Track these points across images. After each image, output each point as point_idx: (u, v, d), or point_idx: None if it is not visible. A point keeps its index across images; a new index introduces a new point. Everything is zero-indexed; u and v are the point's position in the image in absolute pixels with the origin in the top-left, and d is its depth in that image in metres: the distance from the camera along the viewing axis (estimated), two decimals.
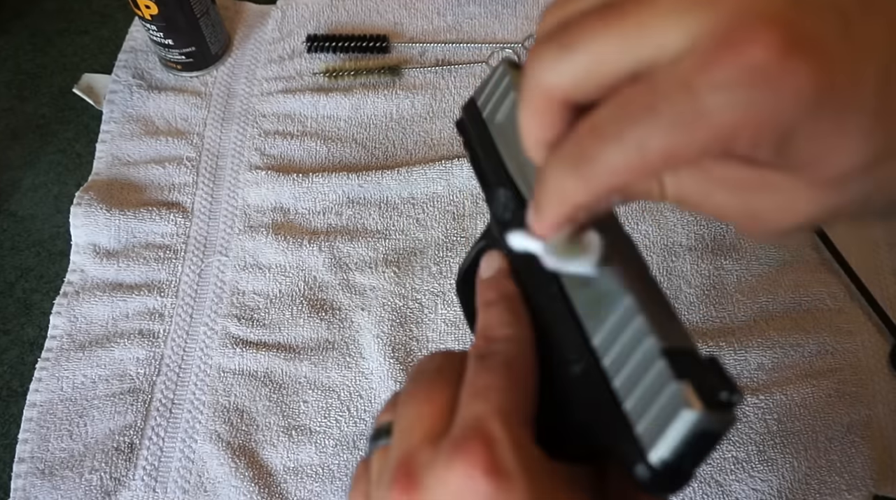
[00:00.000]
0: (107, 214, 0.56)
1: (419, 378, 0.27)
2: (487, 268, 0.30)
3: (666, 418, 0.21)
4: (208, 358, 0.53)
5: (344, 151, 0.60)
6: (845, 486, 0.47)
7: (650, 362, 0.22)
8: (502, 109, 0.31)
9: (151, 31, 0.60)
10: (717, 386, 0.21)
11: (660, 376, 0.22)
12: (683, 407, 0.21)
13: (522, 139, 0.24)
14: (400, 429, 0.26)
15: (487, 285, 0.29)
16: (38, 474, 0.49)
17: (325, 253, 0.55)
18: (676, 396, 0.21)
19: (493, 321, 0.27)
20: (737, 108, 0.18)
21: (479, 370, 0.25)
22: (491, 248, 0.32)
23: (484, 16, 0.66)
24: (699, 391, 0.21)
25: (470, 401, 0.24)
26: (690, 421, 0.21)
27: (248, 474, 0.48)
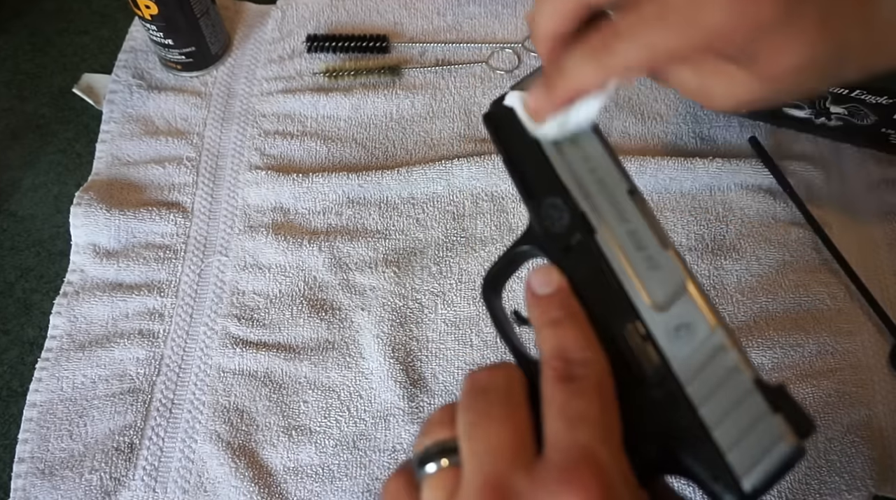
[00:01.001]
0: (107, 214, 0.56)
1: (487, 398, 0.26)
2: (545, 284, 0.29)
3: (762, 449, 0.23)
4: (208, 358, 0.53)
5: (344, 151, 0.60)
6: (845, 486, 0.47)
7: (744, 396, 0.24)
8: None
9: (151, 31, 0.60)
10: (802, 419, 0.23)
11: (756, 409, 0.24)
12: (781, 440, 0.23)
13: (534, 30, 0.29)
14: (477, 452, 0.25)
15: (549, 303, 0.28)
16: (38, 474, 0.49)
17: (325, 253, 0.55)
18: (774, 429, 0.23)
19: (570, 343, 0.27)
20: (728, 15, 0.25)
21: (569, 395, 0.25)
22: (531, 256, 0.32)
23: (484, 16, 0.66)
24: (792, 424, 0.23)
25: (569, 427, 0.24)
26: (785, 453, 0.23)
27: (248, 474, 0.48)
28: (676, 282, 0.26)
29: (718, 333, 0.25)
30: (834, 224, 0.55)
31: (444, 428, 0.27)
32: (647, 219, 0.28)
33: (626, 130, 0.60)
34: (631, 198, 0.29)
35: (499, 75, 0.63)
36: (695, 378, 0.25)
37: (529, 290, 0.29)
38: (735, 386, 0.24)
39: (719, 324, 0.25)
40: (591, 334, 0.27)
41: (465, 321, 0.53)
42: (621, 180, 0.29)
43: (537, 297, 0.29)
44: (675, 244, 0.54)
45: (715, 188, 0.57)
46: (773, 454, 0.23)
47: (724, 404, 0.24)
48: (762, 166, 0.57)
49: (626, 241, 0.28)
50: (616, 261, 0.28)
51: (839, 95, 0.54)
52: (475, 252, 0.55)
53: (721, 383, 0.24)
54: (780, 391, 0.24)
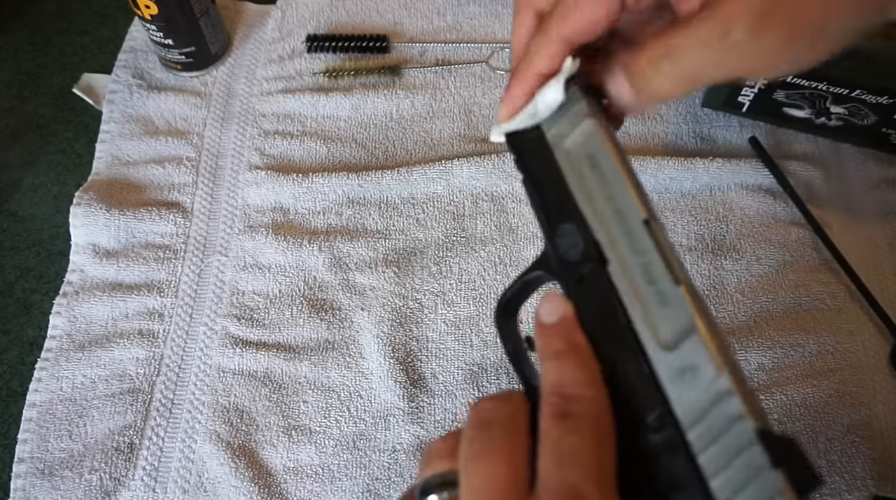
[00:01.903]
0: (106, 214, 0.56)
1: (490, 433, 0.26)
2: (551, 312, 0.28)
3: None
4: (208, 358, 0.53)
5: (344, 151, 0.60)
6: (845, 486, 0.47)
7: (744, 446, 0.23)
8: (573, 136, 0.30)
9: (151, 31, 0.60)
10: (806, 474, 0.22)
11: (755, 462, 0.22)
12: (779, 497, 0.22)
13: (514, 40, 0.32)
14: (473, 488, 0.25)
15: (553, 334, 0.28)
16: (37, 474, 0.49)
17: (325, 253, 0.55)
18: (772, 485, 0.22)
19: (568, 379, 0.26)
20: None
21: (563, 432, 0.25)
22: (544, 281, 0.31)
23: (484, 16, 0.66)
24: (793, 481, 0.22)
25: (559, 465, 0.24)
26: None
27: (248, 474, 0.48)
28: (685, 321, 0.25)
29: (724, 378, 0.24)
30: (834, 224, 0.55)
31: (445, 459, 0.27)
32: (661, 251, 0.26)
33: (626, 130, 0.60)
34: (646, 228, 0.27)
35: (499, 75, 0.63)
36: (696, 424, 0.24)
37: (537, 318, 0.29)
38: (737, 435, 0.23)
39: (727, 368, 0.24)
40: (594, 370, 0.26)
41: (465, 321, 0.53)
42: (639, 209, 0.28)
43: (543, 326, 0.28)
44: (676, 244, 0.55)
45: (715, 188, 0.57)
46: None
47: (725, 453, 0.23)
48: (762, 166, 0.57)
49: (637, 274, 0.27)
50: (626, 295, 0.27)
51: (839, 94, 0.54)
52: (475, 252, 0.55)
53: (723, 432, 0.23)
54: (786, 443, 0.22)
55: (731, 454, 0.23)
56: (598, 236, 0.28)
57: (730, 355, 0.24)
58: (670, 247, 0.27)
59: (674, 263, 0.26)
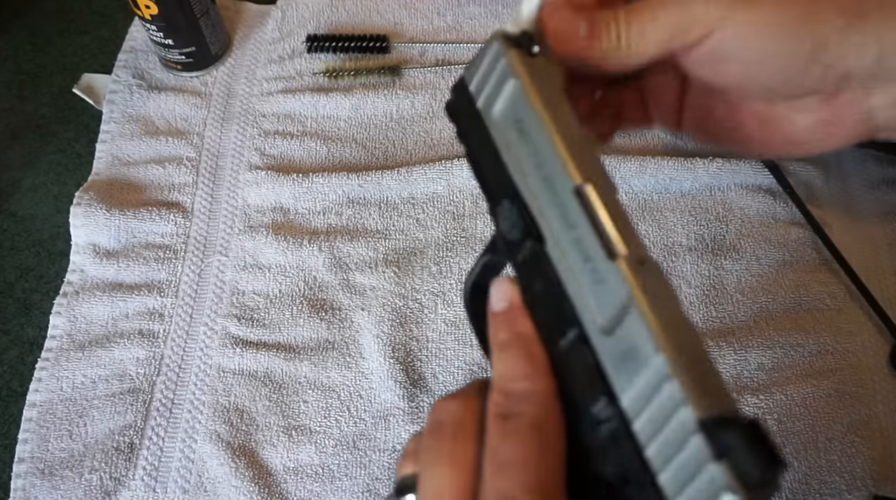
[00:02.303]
0: (107, 214, 0.56)
1: (441, 434, 0.25)
2: (499, 300, 0.26)
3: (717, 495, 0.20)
4: (208, 358, 0.53)
5: (344, 151, 0.60)
6: (845, 486, 0.47)
7: (687, 437, 0.20)
8: (500, 101, 0.27)
9: (151, 31, 0.60)
10: (758, 462, 0.19)
11: (698, 453, 0.20)
12: (723, 492, 0.19)
13: None
14: (425, 494, 0.24)
15: (500, 323, 0.26)
16: (37, 474, 0.49)
17: (325, 253, 0.55)
18: (716, 479, 0.20)
19: (511, 372, 0.24)
20: None
21: (502, 436, 0.23)
22: (497, 264, 0.29)
23: (484, 16, 0.66)
24: (739, 472, 0.19)
25: (495, 474, 0.23)
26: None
27: (248, 474, 0.48)
28: (621, 299, 0.22)
29: (660, 358, 0.21)
30: (834, 224, 0.55)
31: (410, 462, 0.26)
32: (594, 223, 0.23)
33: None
34: (577, 197, 0.24)
35: None
36: (641, 414, 0.21)
37: (489, 306, 0.27)
38: (678, 424, 0.20)
39: (667, 346, 0.21)
40: (539, 361, 0.25)
41: (465, 321, 0.53)
42: (569, 175, 0.24)
43: (493, 314, 0.26)
44: (676, 244, 0.55)
45: (715, 188, 0.57)
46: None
47: (669, 445, 0.21)
48: (762, 166, 0.57)
49: (572, 251, 0.24)
50: (566, 275, 0.24)
51: None
52: (475, 252, 0.55)
53: (665, 421, 0.21)
54: (735, 429, 0.20)
55: (675, 445, 0.21)
56: (534, 212, 0.25)
57: (678, 333, 0.21)
58: (614, 214, 0.23)
59: (610, 234, 0.23)
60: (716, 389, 0.21)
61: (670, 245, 0.55)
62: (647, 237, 0.55)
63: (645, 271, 0.22)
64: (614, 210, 0.23)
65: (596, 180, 0.24)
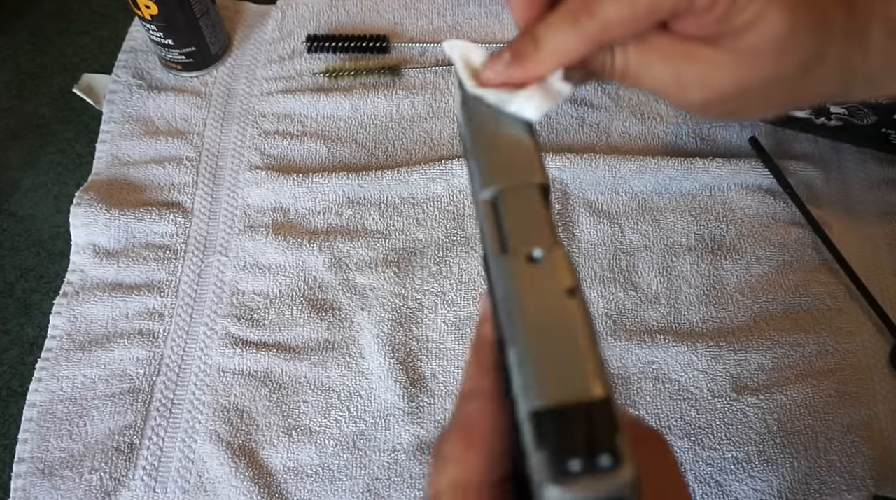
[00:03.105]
0: (107, 214, 0.56)
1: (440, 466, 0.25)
2: (481, 308, 0.27)
3: (540, 486, 0.19)
4: (208, 358, 0.53)
5: (344, 151, 0.60)
6: (845, 486, 0.47)
7: (524, 425, 0.20)
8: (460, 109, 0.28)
9: (151, 31, 0.60)
10: (579, 452, 0.19)
11: (530, 444, 0.20)
12: (545, 483, 0.19)
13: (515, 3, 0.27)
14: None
15: (474, 329, 0.27)
16: (37, 474, 0.49)
17: (325, 253, 0.55)
18: (539, 471, 0.19)
19: (466, 373, 0.26)
20: None
21: (442, 436, 0.24)
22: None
23: (484, 16, 0.66)
24: (557, 462, 0.19)
25: (434, 471, 0.24)
26: (554, 497, 0.19)
27: (248, 474, 0.48)
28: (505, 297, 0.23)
29: (513, 347, 0.21)
30: (834, 224, 0.55)
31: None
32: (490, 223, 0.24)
33: (626, 130, 0.60)
34: (479, 200, 0.25)
35: None
36: (515, 402, 0.22)
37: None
38: (522, 413, 0.20)
39: (517, 339, 0.21)
40: (485, 361, 0.25)
41: (465, 321, 0.53)
42: (480, 175, 0.25)
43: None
44: (676, 244, 0.54)
45: (715, 188, 0.57)
46: (545, 496, 0.19)
47: (523, 432, 0.21)
48: (762, 166, 0.57)
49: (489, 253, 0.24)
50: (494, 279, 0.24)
51: None
52: (475, 252, 0.55)
53: (519, 408, 0.21)
54: (557, 417, 0.19)
55: (523, 433, 0.21)
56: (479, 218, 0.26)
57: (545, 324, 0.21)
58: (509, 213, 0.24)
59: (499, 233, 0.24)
60: (574, 376, 0.20)
61: (670, 245, 0.55)
62: (647, 237, 0.55)
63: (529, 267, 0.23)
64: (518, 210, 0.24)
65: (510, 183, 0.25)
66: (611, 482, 0.19)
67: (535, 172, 0.25)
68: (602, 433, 0.19)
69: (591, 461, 0.19)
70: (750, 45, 0.26)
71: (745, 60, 0.26)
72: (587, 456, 0.19)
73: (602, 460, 0.19)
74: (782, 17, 0.25)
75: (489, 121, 0.27)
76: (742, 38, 0.26)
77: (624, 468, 0.19)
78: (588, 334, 0.21)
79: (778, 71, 0.27)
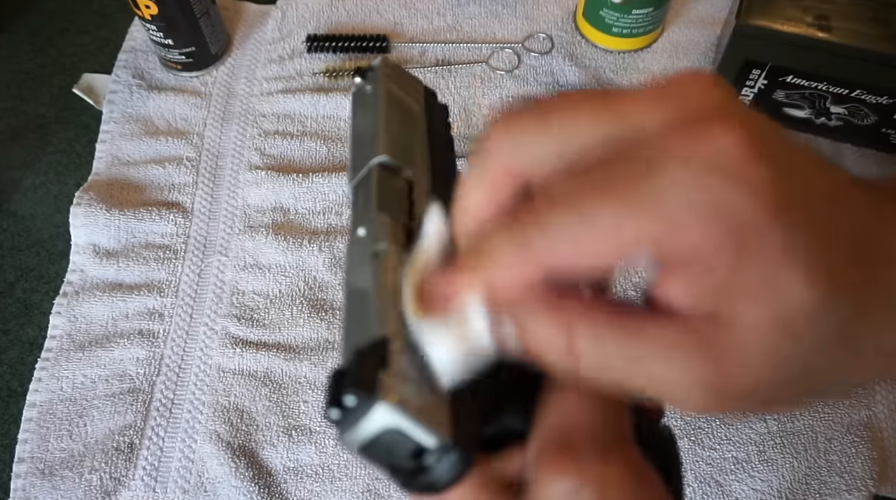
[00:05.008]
0: (107, 214, 0.56)
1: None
2: None
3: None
4: (208, 358, 0.53)
5: (344, 151, 0.60)
6: (845, 486, 0.47)
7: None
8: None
9: (151, 31, 0.60)
10: (349, 389, 0.19)
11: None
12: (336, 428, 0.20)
13: (458, 206, 0.22)
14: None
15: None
16: (37, 474, 0.49)
17: (325, 253, 0.55)
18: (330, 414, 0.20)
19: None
20: (695, 188, 0.17)
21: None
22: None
23: (484, 16, 0.66)
24: (331, 402, 0.20)
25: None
26: (346, 440, 0.20)
27: (248, 474, 0.48)
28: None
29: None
30: None
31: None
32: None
33: None
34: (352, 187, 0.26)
35: (499, 75, 0.63)
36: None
37: None
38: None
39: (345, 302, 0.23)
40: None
41: None
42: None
43: None
44: None
45: None
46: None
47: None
48: None
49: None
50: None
51: (839, 94, 0.54)
52: None
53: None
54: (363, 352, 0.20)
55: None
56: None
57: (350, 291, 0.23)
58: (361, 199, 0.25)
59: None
60: (365, 328, 0.21)
61: None
62: None
63: (356, 243, 0.24)
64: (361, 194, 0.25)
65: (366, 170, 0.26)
66: (358, 418, 0.20)
67: (378, 150, 0.26)
68: (364, 375, 0.20)
69: (340, 402, 0.19)
70: (771, 317, 0.18)
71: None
72: (334, 398, 0.20)
73: (347, 399, 0.19)
74: (809, 283, 0.18)
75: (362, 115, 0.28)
76: (762, 303, 0.18)
77: (376, 404, 0.19)
78: (384, 286, 0.22)
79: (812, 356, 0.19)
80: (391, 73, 0.28)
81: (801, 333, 0.18)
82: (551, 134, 0.20)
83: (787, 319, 0.18)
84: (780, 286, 0.18)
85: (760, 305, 0.18)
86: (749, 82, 0.56)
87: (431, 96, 0.30)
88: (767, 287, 0.18)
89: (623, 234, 0.18)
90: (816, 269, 0.18)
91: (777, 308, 0.18)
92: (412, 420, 0.20)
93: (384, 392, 0.19)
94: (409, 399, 0.20)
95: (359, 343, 0.21)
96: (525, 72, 0.64)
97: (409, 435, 0.20)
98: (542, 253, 0.19)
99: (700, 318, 0.19)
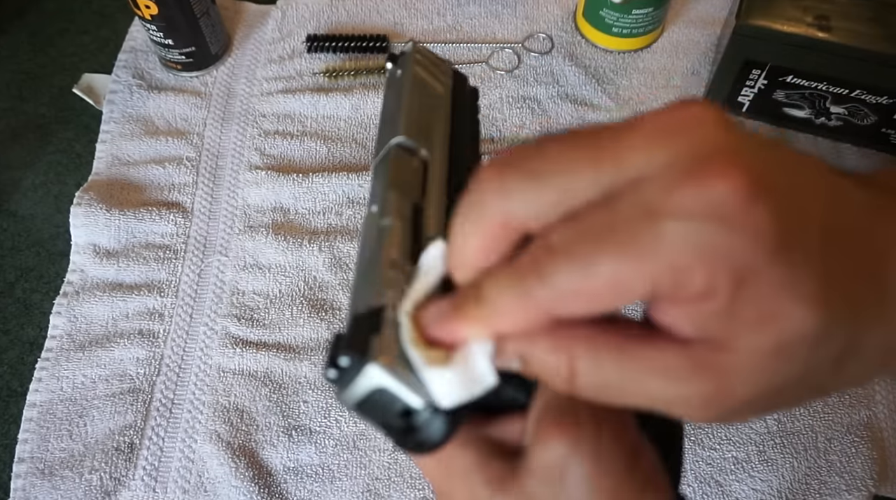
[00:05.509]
0: (107, 215, 0.56)
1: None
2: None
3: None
4: (208, 358, 0.53)
5: (344, 151, 0.60)
6: (845, 486, 0.47)
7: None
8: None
9: (151, 31, 0.60)
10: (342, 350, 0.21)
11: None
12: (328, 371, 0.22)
13: (453, 255, 0.22)
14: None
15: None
16: (37, 474, 0.49)
17: (325, 253, 0.55)
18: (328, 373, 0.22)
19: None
20: (694, 235, 0.17)
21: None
22: None
23: (484, 16, 0.66)
24: (330, 358, 0.21)
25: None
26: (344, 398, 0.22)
27: (248, 474, 0.48)
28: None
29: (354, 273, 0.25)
30: None
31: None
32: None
33: None
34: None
35: (499, 75, 0.63)
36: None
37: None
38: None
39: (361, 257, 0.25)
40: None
41: None
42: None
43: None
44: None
45: None
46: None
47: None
48: None
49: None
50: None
51: (839, 94, 0.54)
52: None
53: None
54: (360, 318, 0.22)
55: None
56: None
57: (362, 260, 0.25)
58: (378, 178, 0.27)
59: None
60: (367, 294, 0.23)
61: None
62: None
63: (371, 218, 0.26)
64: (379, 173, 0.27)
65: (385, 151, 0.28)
66: (352, 378, 0.21)
67: (397, 131, 0.28)
68: (358, 338, 0.21)
69: (336, 363, 0.21)
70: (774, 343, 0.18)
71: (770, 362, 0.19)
72: (332, 359, 0.21)
73: (342, 360, 0.21)
74: (809, 312, 0.18)
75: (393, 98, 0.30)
76: (765, 332, 0.18)
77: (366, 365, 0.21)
78: (386, 258, 0.23)
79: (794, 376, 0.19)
80: (421, 58, 0.31)
81: (800, 357, 0.19)
82: (546, 190, 0.19)
83: (787, 344, 0.18)
84: (780, 316, 0.18)
85: (760, 333, 0.18)
86: (749, 82, 0.56)
87: (460, 81, 0.32)
88: (767, 317, 0.18)
89: (623, 281, 0.18)
90: (815, 298, 0.18)
91: (777, 336, 0.18)
92: (400, 381, 0.21)
93: (375, 354, 0.21)
94: (400, 362, 0.21)
95: (358, 310, 0.23)
96: (525, 72, 0.64)
97: (398, 395, 0.21)
98: (543, 302, 0.19)
99: (699, 343, 0.19)
